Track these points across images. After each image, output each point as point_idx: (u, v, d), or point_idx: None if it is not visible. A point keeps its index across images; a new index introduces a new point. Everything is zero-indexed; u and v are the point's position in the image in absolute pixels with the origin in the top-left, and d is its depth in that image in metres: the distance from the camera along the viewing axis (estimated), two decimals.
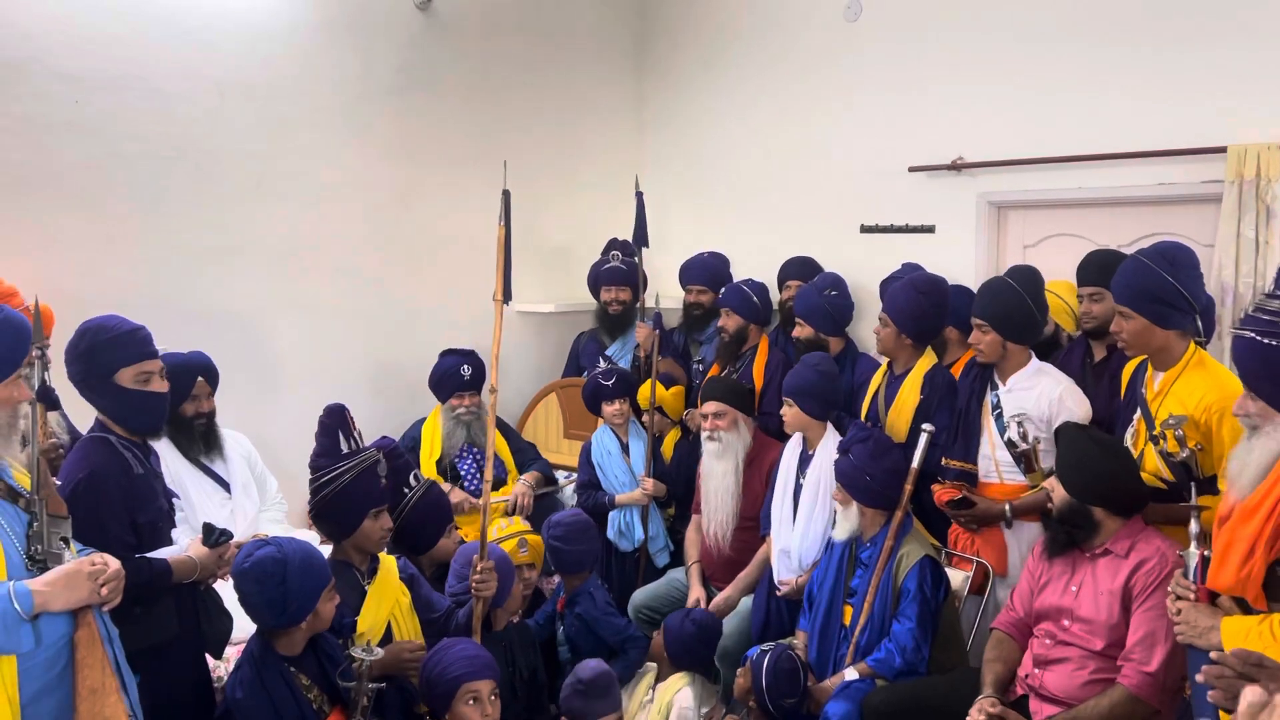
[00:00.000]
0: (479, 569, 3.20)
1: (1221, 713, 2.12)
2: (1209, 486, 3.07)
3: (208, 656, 3.07)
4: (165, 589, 2.75)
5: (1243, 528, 2.21)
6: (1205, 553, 2.40)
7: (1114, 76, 4.41)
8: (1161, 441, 3.11)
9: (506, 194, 3.32)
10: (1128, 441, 3.28)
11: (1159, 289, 3.13)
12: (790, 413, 3.95)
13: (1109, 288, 3.75)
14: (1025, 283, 3.67)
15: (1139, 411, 3.27)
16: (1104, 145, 4.44)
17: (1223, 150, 4.04)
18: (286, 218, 4.75)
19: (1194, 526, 2.46)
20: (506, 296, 3.34)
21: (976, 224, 4.93)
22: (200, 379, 3.68)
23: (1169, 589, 2.49)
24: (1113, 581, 2.84)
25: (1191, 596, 2.37)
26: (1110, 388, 3.66)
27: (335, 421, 3.28)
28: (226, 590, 3.05)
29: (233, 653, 3.17)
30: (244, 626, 3.02)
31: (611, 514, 4.58)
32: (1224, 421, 3.00)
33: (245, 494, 3.83)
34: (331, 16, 4.85)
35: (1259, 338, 2.21)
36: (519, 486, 4.62)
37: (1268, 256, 3.97)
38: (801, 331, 4.56)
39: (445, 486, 4.37)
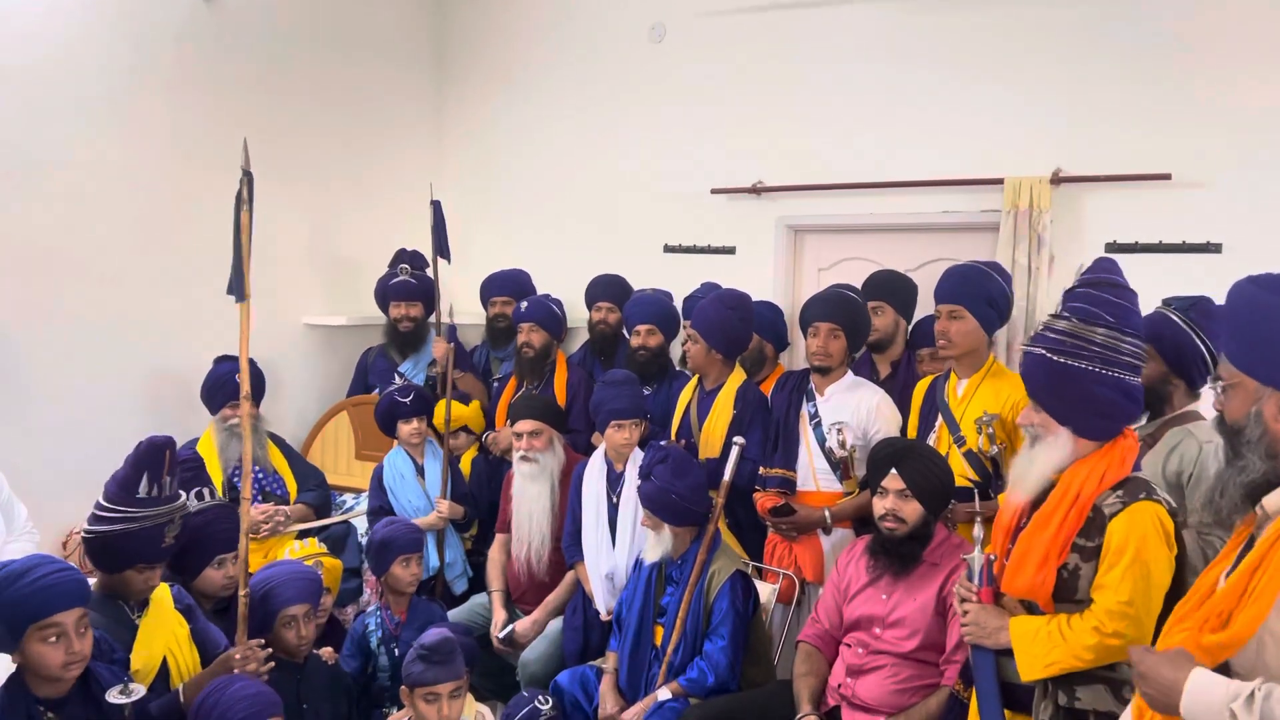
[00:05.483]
0: (238, 651, 2.87)
1: None
2: None
3: None
4: None
5: (1038, 536, 2.29)
6: (990, 555, 2.47)
7: (904, 110, 4.64)
8: (977, 437, 3.26)
9: (248, 175, 2.92)
10: None
11: (994, 294, 3.43)
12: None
13: (889, 302, 4.10)
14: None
15: (940, 419, 3.43)
16: (894, 174, 4.64)
17: (1000, 182, 4.32)
18: (43, 217, 4.24)
19: (978, 530, 2.55)
20: (238, 294, 2.91)
21: (775, 246, 5.05)
22: None
23: (954, 590, 2.56)
24: (928, 589, 2.90)
25: (974, 598, 2.44)
26: (899, 402, 3.80)
27: (147, 459, 2.87)
28: None
29: None
30: None
31: None
32: None
33: None
34: None
35: (1048, 354, 2.30)
36: (271, 511, 4.18)
37: (1039, 282, 4.26)
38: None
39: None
